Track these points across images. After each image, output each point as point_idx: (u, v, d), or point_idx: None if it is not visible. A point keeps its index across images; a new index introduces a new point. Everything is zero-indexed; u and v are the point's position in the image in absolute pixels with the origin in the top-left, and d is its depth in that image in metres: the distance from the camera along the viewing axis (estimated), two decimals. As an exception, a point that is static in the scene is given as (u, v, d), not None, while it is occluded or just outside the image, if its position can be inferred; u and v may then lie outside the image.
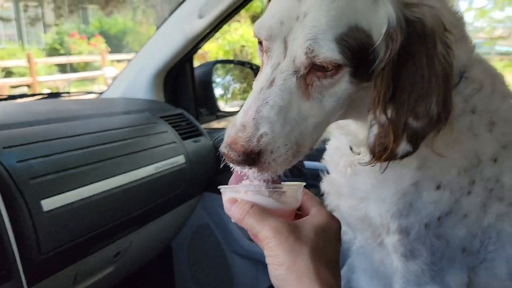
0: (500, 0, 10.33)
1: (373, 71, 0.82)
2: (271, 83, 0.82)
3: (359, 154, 1.07)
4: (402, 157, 0.86)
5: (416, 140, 0.84)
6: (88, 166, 1.53)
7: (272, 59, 0.84)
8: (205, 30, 2.12)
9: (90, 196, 1.49)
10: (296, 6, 0.80)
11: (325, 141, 1.26)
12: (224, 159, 0.87)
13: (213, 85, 2.86)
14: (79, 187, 1.46)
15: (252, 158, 0.81)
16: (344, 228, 1.07)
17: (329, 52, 0.77)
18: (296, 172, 1.15)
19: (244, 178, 0.90)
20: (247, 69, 3.18)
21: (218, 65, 3.00)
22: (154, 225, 1.99)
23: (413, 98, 0.82)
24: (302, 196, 0.87)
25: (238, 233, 2.32)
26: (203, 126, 2.52)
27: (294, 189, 0.85)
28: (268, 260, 0.77)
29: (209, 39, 2.29)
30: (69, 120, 1.73)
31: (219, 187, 0.88)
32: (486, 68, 1.04)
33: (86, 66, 16.43)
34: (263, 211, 0.79)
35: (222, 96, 3.39)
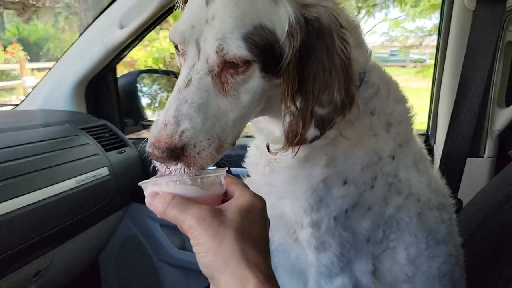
0: (411, 12, 11.26)
1: (282, 67, 0.89)
2: (188, 83, 0.86)
3: (276, 154, 1.13)
4: (311, 141, 0.94)
5: (323, 125, 0.92)
6: (-1, 183, 1.46)
7: (188, 61, 0.89)
8: (126, 40, 2.10)
9: (2, 215, 1.41)
10: (204, 10, 0.85)
11: (247, 147, 1.32)
12: (151, 161, 0.87)
13: (139, 94, 2.83)
14: (-11, 206, 1.38)
15: (176, 153, 0.82)
16: None
17: (237, 50, 0.82)
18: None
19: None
20: (173, 78, 3.18)
21: (143, 75, 2.97)
22: (78, 240, 1.92)
23: (317, 88, 0.90)
24: (226, 181, 0.86)
25: (167, 242, 2.31)
26: (130, 136, 2.49)
27: (217, 175, 0.84)
28: (195, 249, 0.75)
29: (132, 48, 2.27)
30: (-21, 136, 1.64)
31: (139, 183, 0.85)
32: (382, 74, 1.15)
33: (2, 76, 15.25)
34: (185, 201, 0.78)
35: (149, 105, 3.36)
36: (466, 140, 1.67)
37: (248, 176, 1.31)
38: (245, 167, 1.31)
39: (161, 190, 0.80)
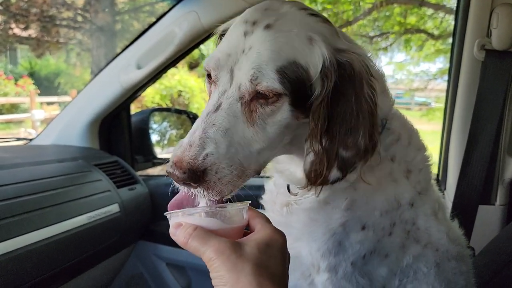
0: (415, 56, 11.53)
1: (311, 106, 0.92)
2: (218, 107, 0.89)
3: (295, 195, 1.14)
4: (333, 182, 0.95)
5: (345, 168, 0.94)
6: (12, 218, 1.47)
7: (219, 87, 0.92)
8: (143, 80, 2.16)
9: (14, 250, 1.41)
10: (242, 41, 0.90)
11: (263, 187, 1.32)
12: (160, 199, 0.87)
13: (150, 132, 2.87)
14: (1, 241, 1.39)
15: (197, 176, 0.84)
16: None
17: (270, 82, 0.87)
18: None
19: (191, 197, 0.90)
20: (184, 116, 3.24)
21: (155, 113, 3.03)
22: (85, 277, 1.90)
23: (343, 131, 0.93)
24: (249, 214, 0.87)
25: (173, 282, 2.27)
26: (139, 173, 2.50)
27: (239, 208, 0.85)
28: (213, 282, 0.76)
29: (146, 88, 2.33)
30: (-6, 169, 1.66)
31: (165, 213, 0.86)
32: (403, 122, 1.18)
33: (12, 108, 15.51)
34: (206, 233, 0.79)
35: (158, 142, 3.40)
36: (478, 188, 1.68)
37: (263, 208, 1.31)
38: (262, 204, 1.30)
39: (185, 221, 0.82)
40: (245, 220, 0.86)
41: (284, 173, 1.14)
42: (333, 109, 0.92)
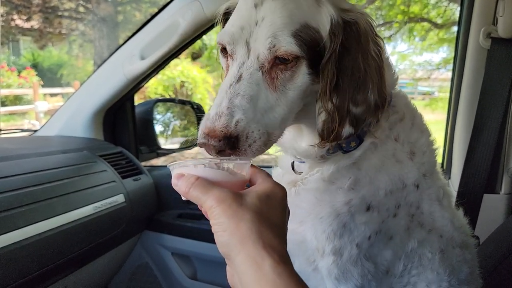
0: (418, 46, 11.45)
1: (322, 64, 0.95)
2: (239, 78, 0.92)
3: (300, 174, 1.15)
4: (346, 137, 0.98)
5: (357, 124, 0.97)
6: (20, 208, 1.48)
7: (238, 59, 0.94)
8: (147, 70, 2.16)
9: (22, 240, 1.43)
10: (253, 13, 0.93)
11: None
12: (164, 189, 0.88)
13: (154, 122, 2.87)
14: (9, 231, 1.40)
15: (232, 142, 0.86)
16: None
17: (288, 45, 0.90)
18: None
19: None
20: (188, 106, 3.23)
21: (159, 103, 3.02)
22: (91, 267, 1.92)
23: (352, 87, 0.95)
24: (250, 170, 0.88)
25: (179, 271, 2.29)
26: (143, 163, 2.51)
27: (242, 163, 0.87)
28: (213, 229, 0.77)
29: (150, 78, 2.33)
30: (0, 161, 1.67)
31: (167, 165, 0.87)
32: (408, 102, 1.18)
33: (15, 100, 15.54)
34: (208, 183, 0.80)
35: (162, 133, 3.40)
36: (483, 177, 1.68)
37: None
38: None
39: (187, 172, 0.83)
40: (247, 175, 0.88)
41: (289, 148, 1.15)
42: (341, 66, 0.95)
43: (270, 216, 0.78)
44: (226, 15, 1.10)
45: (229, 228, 0.74)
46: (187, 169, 0.83)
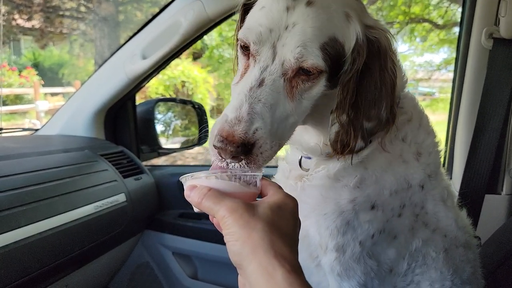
0: (419, 47, 11.46)
1: (339, 79, 0.95)
2: (261, 83, 0.90)
3: (307, 171, 1.16)
4: (357, 151, 1.00)
5: (367, 138, 1.00)
6: (21, 207, 1.48)
7: (260, 62, 0.93)
8: (148, 70, 2.16)
9: (23, 239, 1.43)
10: (284, 17, 0.91)
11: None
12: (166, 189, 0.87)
13: (155, 122, 2.87)
14: (10, 230, 1.40)
15: (248, 149, 0.86)
16: None
17: (316, 59, 0.89)
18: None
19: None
20: (189, 106, 3.23)
21: (160, 103, 3.02)
22: (92, 266, 1.92)
23: (368, 103, 0.97)
24: (262, 183, 0.89)
25: (179, 271, 2.29)
26: (145, 163, 2.51)
27: (254, 175, 0.87)
28: (225, 239, 0.77)
29: (151, 78, 2.33)
30: (1, 160, 1.67)
31: (180, 178, 0.88)
32: (415, 104, 1.19)
33: (16, 99, 15.54)
34: (220, 193, 0.81)
35: (163, 132, 3.40)
36: (484, 177, 1.68)
37: None
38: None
39: (200, 184, 0.84)
40: (258, 188, 0.88)
41: (297, 143, 1.16)
42: (360, 83, 0.95)
43: (282, 226, 0.79)
44: (245, 5, 1.06)
45: (241, 237, 0.75)
46: (200, 181, 0.84)
